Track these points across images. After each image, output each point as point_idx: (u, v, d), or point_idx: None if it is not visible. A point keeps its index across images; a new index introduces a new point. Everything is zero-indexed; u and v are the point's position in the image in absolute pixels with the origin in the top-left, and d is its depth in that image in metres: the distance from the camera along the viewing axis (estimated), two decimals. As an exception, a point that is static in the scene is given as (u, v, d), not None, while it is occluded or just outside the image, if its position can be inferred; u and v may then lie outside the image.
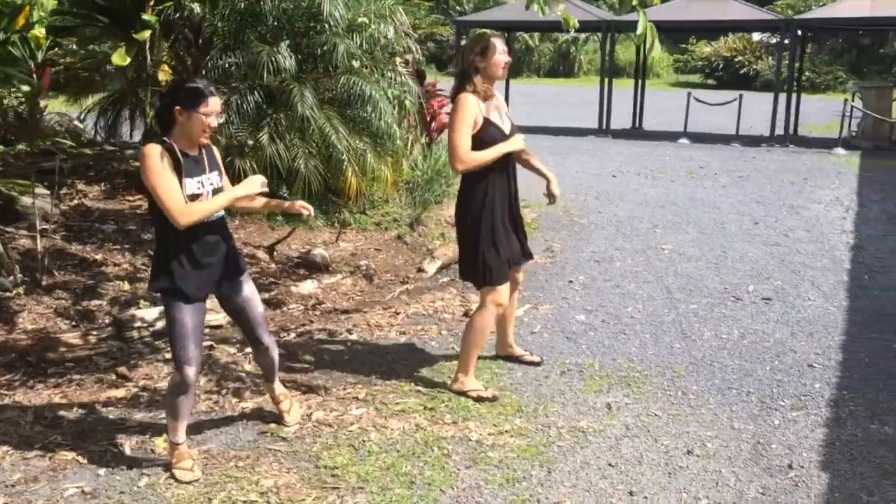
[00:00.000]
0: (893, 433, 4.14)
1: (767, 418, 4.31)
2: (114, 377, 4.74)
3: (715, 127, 18.60)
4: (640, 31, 4.21)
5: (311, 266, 6.72)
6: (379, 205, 8.71)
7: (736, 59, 38.09)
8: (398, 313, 5.89)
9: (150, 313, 5.40)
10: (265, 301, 5.84)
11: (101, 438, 4.03)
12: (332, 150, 7.46)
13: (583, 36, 39.65)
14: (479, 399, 4.46)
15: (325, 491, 3.55)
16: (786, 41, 18.74)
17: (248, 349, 5.14)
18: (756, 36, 38.56)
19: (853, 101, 17.83)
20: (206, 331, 5.41)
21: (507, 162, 4.50)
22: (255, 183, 3.61)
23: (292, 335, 5.46)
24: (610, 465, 3.81)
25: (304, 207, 3.89)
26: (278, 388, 4.17)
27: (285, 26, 7.60)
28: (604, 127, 18.56)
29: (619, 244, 8.04)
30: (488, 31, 4.71)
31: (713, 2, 17.98)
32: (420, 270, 7.03)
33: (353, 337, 5.44)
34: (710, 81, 38.54)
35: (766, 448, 3.99)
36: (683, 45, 42.22)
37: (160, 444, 3.96)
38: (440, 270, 7.13)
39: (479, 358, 4.70)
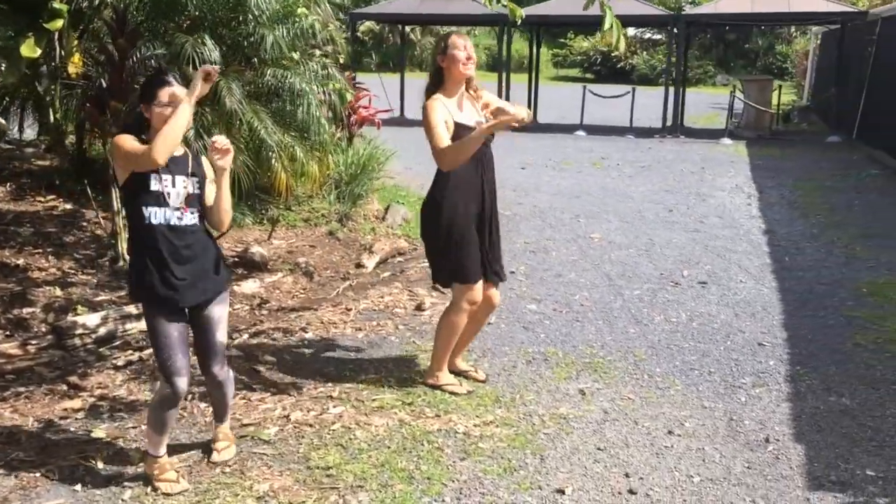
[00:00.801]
0: (851, 404, 4.36)
1: (734, 396, 4.47)
2: (65, 388, 4.49)
3: (607, 119, 19.10)
4: (606, 26, 4.28)
5: (249, 265, 6.54)
6: (304, 201, 8.55)
7: (613, 54, 39.27)
8: (349, 310, 5.80)
9: (91, 319, 5.14)
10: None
11: (68, 452, 3.80)
12: (262, 146, 7.25)
13: (478, 31, 40.04)
14: (453, 394, 4.44)
15: (323, 491, 3.46)
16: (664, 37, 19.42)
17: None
18: (631, 31, 39.78)
19: (735, 93, 18.68)
20: (141, 336, 5.22)
21: (478, 157, 4.36)
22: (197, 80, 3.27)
23: (245, 336, 5.30)
24: (599, 448, 3.87)
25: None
26: (224, 428, 3.79)
27: (206, 16, 7.33)
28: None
29: (549, 234, 8.17)
30: (454, 28, 4.60)
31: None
32: (359, 266, 6.95)
33: (310, 335, 5.32)
34: (589, 76, 39.60)
35: (740, 424, 4.14)
36: (562, 41, 43.26)
37: (135, 455, 3.77)
38: (379, 265, 7.07)
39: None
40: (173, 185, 3.38)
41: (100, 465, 3.69)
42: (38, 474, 3.61)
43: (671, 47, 19.57)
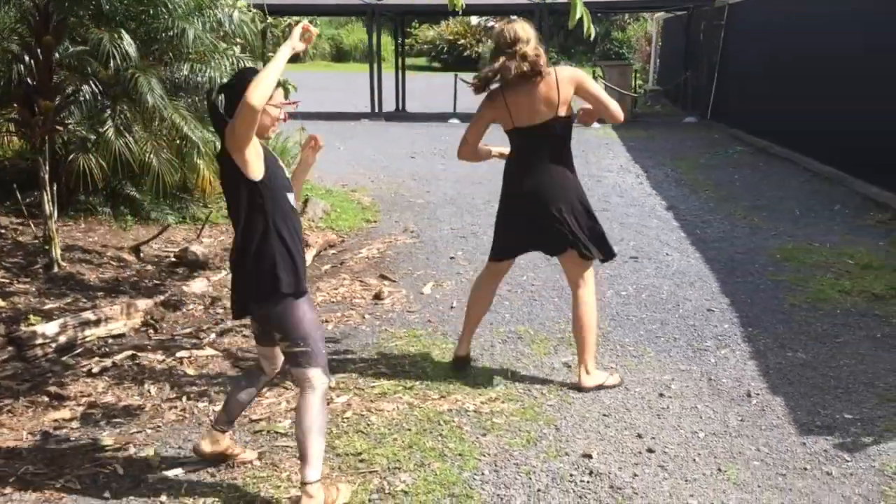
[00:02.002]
0: (807, 358, 4.80)
1: (703, 358, 4.81)
2: (47, 399, 4.30)
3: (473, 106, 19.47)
4: (577, 16, 4.48)
5: (189, 264, 6.38)
6: (219, 198, 8.36)
7: (459, 43, 39.88)
8: (309, 302, 5.78)
9: (49, 328, 4.92)
10: (162, 304, 5.55)
11: (80, 462, 3.68)
12: (186, 142, 7.09)
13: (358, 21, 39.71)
14: (604, 387, 4.34)
15: (363, 475, 3.51)
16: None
17: (180, 353, 4.88)
18: (474, 20, 40.52)
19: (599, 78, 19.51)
20: (110, 340, 5.08)
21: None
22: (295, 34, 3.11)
23: (213, 335, 5.21)
24: (604, 415, 4.10)
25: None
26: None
27: (118, 9, 7.08)
28: (376, 110, 18.95)
29: (470, 220, 8.37)
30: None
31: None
32: (298, 260, 6.91)
33: (279, 329, 5.28)
34: (436, 64, 40.12)
35: (719, 383, 4.48)
36: (407, 30, 43.60)
37: (154, 460, 3.70)
38: (315, 258, 7.06)
39: (421, 336, 4.84)
40: None
41: (120, 471, 3.60)
42: (57, 485, 3.49)
43: (553, 34, 20.13)
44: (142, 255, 6.49)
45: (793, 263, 6.64)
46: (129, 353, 4.87)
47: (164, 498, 3.39)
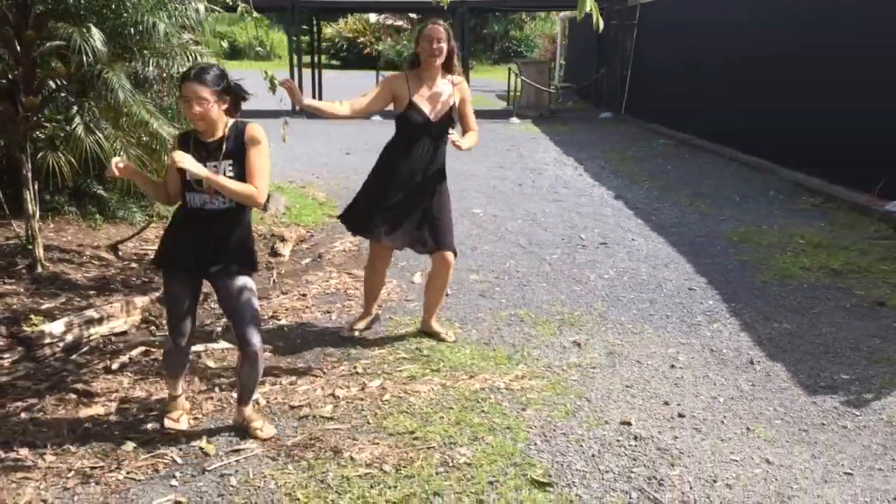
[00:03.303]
0: (792, 328, 5.18)
1: (698, 332, 5.14)
2: (75, 396, 4.26)
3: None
4: (586, 9, 4.71)
5: (174, 261, 6.32)
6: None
7: (358, 41, 39.83)
8: (304, 295, 5.86)
9: (56, 327, 4.85)
10: (157, 300, 5.53)
11: (135, 454, 3.69)
12: (156, 139, 6.99)
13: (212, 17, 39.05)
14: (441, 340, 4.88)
15: (422, 451, 3.65)
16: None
17: (195, 347, 4.89)
18: (373, 17, 40.61)
19: (520, 75, 19.97)
20: (114, 340, 5.06)
21: (419, 143, 4.71)
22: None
23: (219, 328, 5.23)
24: (627, 387, 4.35)
25: None
26: (249, 409, 3.88)
27: (81, 4, 6.92)
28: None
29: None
30: (436, 19, 4.92)
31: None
32: (276, 255, 6.95)
33: (284, 322, 5.35)
34: (335, 62, 40.00)
35: (721, 353, 4.81)
36: (305, 27, 43.35)
37: (209, 448, 3.74)
38: (291, 253, 7.10)
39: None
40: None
41: (178, 460, 3.64)
42: (120, 476, 3.50)
43: (460, 32, 20.40)
44: (120, 253, 6.40)
45: (750, 245, 7.08)
46: (142, 349, 4.84)
47: (234, 482, 3.45)
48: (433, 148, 4.69)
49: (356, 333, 5.03)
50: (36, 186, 5.82)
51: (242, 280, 3.71)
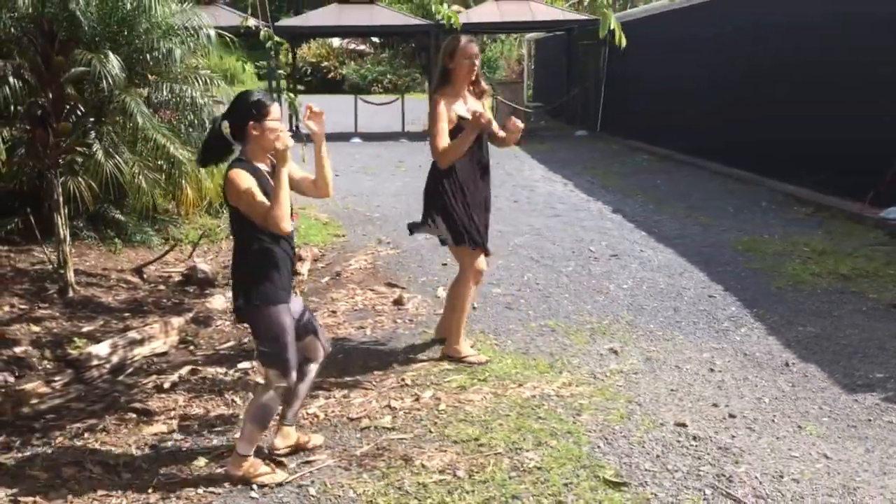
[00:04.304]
0: (817, 331, 5.36)
1: (728, 337, 5.30)
2: (134, 415, 4.30)
3: (372, 126, 19.77)
4: (611, 28, 4.87)
5: (199, 282, 6.37)
6: (184, 219, 8.30)
7: (322, 65, 39.86)
8: (334, 312, 5.93)
9: (101, 349, 4.89)
10: (192, 321, 5.58)
11: (208, 467, 3.74)
12: (172, 163, 7.06)
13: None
14: (475, 363, 4.81)
15: (492, 458, 3.74)
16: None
17: (241, 365, 4.95)
18: (336, 42, 40.72)
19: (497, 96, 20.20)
20: (156, 361, 5.10)
21: (473, 154, 4.81)
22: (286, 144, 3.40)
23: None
24: (672, 390, 4.49)
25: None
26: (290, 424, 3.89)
27: (97, 30, 6.99)
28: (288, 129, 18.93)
29: (439, 230, 8.63)
30: (463, 34, 5.03)
31: (362, 9, 19.21)
32: (295, 273, 6.98)
33: (321, 338, 5.41)
34: (300, 87, 40.00)
35: (753, 356, 4.96)
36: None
37: (281, 459, 3.80)
38: (310, 271, 7.17)
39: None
40: None
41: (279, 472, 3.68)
42: (199, 491, 3.55)
43: (433, 54, 20.60)
44: (145, 276, 6.42)
45: (757, 253, 7.29)
46: (189, 367, 4.88)
47: (313, 492, 3.51)
48: (480, 156, 4.80)
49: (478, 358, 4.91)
50: (65, 211, 5.84)
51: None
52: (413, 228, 5.01)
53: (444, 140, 4.64)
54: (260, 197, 3.38)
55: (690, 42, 14.60)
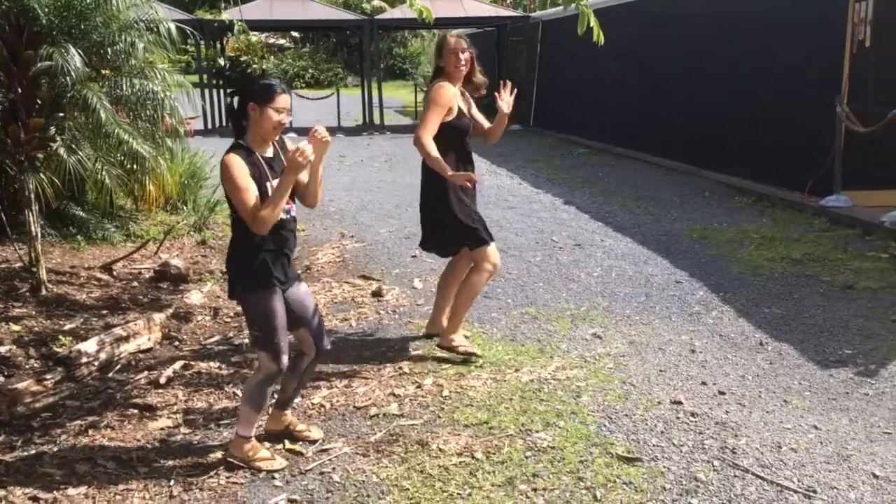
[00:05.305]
0: (782, 312, 5.65)
1: (701, 319, 5.54)
2: (136, 411, 4.28)
3: (305, 121, 19.64)
4: (591, 25, 5.04)
5: (172, 278, 6.31)
6: (144, 216, 8.17)
7: (241, 59, 39.26)
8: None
9: (90, 346, 4.83)
10: (174, 316, 5.55)
11: (222, 460, 3.76)
12: (135, 158, 6.95)
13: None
14: (467, 354, 4.82)
15: (506, 439, 3.86)
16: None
17: (234, 358, 4.96)
18: (254, 36, 40.15)
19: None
20: (141, 357, 5.08)
21: (465, 151, 4.92)
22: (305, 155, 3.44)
23: (246, 341, 5.28)
24: (661, 371, 4.69)
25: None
26: (290, 414, 3.99)
27: (55, 23, 6.82)
28: (209, 126, 18.73)
29: (396, 224, 8.72)
30: (453, 31, 5.11)
31: (293, 4, 19.08)
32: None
33: (307, 330, 5.44)
34: (216, 82, 39.28)
35: (729, 337, 5.21)
36: (184, 47, 42.48)
37: (296, 447, 3.85)
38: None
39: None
40: None
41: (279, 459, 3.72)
42: (221, 482, 3.57)
43: (368, 49, 20.57)
44: (115, 273, 6.33)
45: (711, 241, 7.60)
46: (182, 363, 4.86)
47: (336, 478, 3.57)
48: (469, 149, 4.89)
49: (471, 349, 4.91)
50: (36, 208, 5.71)
51: (305, 285, 3.86)
52: (427, 249, 5.07)
53: (428, 134, 4.65)
54: (245, 189, 3.40)
55: (618, 38, 14.95)
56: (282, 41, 41.95)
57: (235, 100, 3.66)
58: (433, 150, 4.56)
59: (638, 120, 14.10)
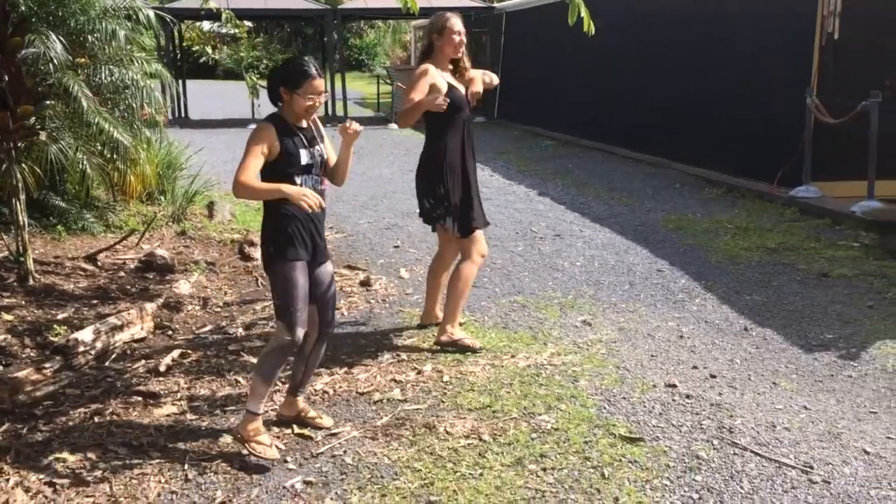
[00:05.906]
0: (762, 299, 5.83)
1: (686, 306, 5.70)
2: (140, 399, 4.30)
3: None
4: (582, 15, 5.15)
5: (158, 268, 6.30)
6: (122, 206, 8.11)
7: (193, 49, 38.86)
8: (304, 294, 5.99)
9: (86, 335, 4.82)
10: (164, 306, 5.56)
11: (234, 445, 3.80)
12: (115, 147, 6.91)
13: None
14: (466, 348, 4.85)
15: (510, 422, 3.96)
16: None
17: (232, 346, 4.99)
18: (206, 25, 39.77)
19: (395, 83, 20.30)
20: (136, 346, 5.09)
21: (462, 127, 5.02)
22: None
23: (240, 330, 5.32)
24: (652, 356, 4.83)
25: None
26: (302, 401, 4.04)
27: (33, 10, 6.75)
28: (179, 116, 18.59)
29: (373, 215, 8.77)
30: (448, 11, 5.18)
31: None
32: (248, 259, 7.00)
33: (300, 319, 5.48)
34: (171, 72, 38.83)
35: (714, 323, 5.38)
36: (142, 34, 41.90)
37: (302, 430, 3.91)
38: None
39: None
40: (313, 157, 3.76)
41: (281, 446, 3.77)
42: (236, 465, 3.62)
43: (328, 37, 20.49)
44: (99, 263, 6.29)
45: (687, 231, 7.78)
46: (179, 351, 4.88)
47: (348, 461, 3.64)
48: (469, 126, 4.92)
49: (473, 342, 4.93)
50: (24, 197, 5.66)
51: (331, 266, 3.94)
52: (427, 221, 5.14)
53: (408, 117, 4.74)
54: (250, 155, 3.55)
55: (579, 31, 15.11)
56: (234, 30, 41.39)
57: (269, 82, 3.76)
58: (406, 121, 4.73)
59: (604, 111, 14.28)
